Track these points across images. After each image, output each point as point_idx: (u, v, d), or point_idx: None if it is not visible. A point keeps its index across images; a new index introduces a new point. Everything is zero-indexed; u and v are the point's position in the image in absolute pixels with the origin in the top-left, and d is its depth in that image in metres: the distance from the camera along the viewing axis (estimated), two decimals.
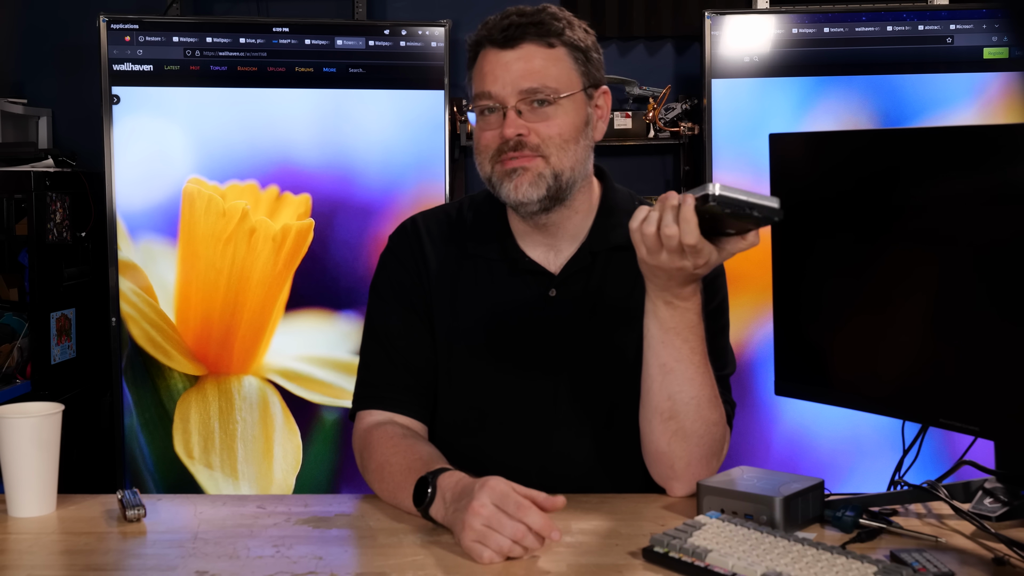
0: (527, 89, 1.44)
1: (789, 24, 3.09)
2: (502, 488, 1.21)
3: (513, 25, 1.45)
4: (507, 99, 1.45)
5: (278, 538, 1.29)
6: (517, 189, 1.45)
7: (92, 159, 3.29)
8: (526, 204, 1.46)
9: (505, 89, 1.45)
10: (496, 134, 1.46)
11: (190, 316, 3.05)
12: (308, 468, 3.07)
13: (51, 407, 1.40)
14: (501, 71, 1.45)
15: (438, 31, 3.11)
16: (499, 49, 1.46)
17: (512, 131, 1.44)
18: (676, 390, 1.39)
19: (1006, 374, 1.23)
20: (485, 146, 1.48)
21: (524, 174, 1.45)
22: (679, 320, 1.36)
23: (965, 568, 1.18)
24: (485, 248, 1.55)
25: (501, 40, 1.45)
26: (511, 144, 1.45)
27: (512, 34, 1.45)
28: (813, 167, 1.47)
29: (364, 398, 1.55)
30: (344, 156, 3.08)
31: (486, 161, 1.48)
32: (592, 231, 1.54)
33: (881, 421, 1.45)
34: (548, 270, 1.53)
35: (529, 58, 1.45)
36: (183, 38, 3.04)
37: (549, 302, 1.52)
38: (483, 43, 1.48)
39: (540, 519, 1.19)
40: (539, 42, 1.46)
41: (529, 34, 1.45)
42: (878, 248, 1.37)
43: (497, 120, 1.46)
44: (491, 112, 1.47)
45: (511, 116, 1.44)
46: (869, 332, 1.39)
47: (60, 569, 1.21)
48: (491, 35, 1.47)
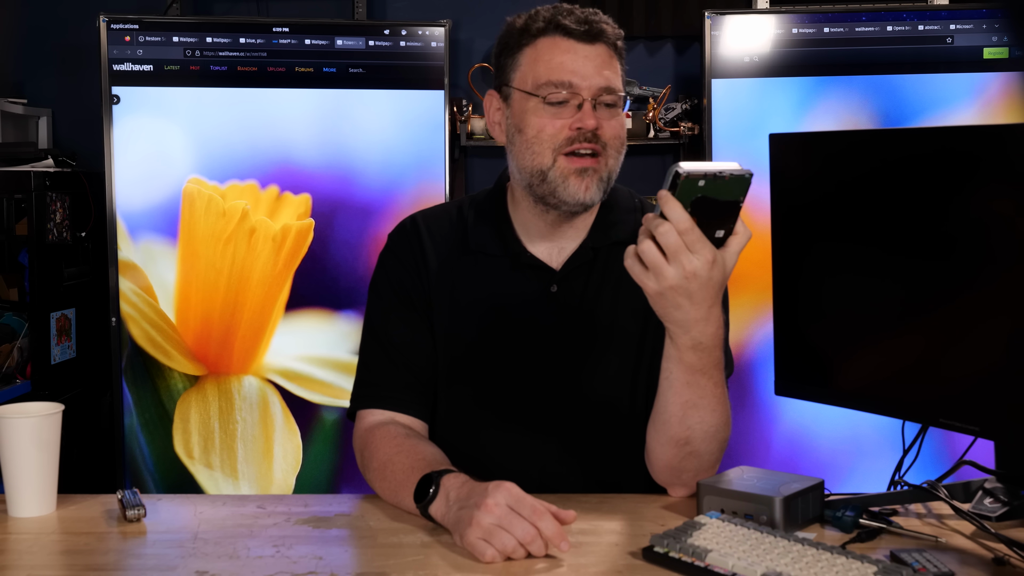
0: (604, 87, 1.45)
1: (789, 24, 3.09)
2: (518, 492, 1.22)
3: (590, 20, 1.47)
4: (586, 92, 1.45)
5: (278, 538, 1.29)
6: (587, 190, 1.45)
7: (92, 159, 3.30)
8: (587, 204, 1.47)
9: (586, 81, 1.45)
10: (567, 123, 1.45)
11: (190, 316, 3.05)
12: (308, 468, 3.08)
13: (51, 407, 1.40)
14: (582, 63, 1.45)
15: (438, 31, 3.12)
16: (578, 42, 1.46)
17: (594, 123, 1.44)
18: (696, 421, 1.38)
19: (1006, 374, 1.23)
20: (551, 135, 1.45)
21: (593, 175, 1.45)
22: (707, 361, 1.33)
23: (965, 568, 1.18)
24: (487, 244, 1.55)
25: (580, 33, 1.46)
26: (587, 135, 1.44)
27: (594, 30, 1.46)
28: (813, 167, 1.47)
29: (364, 397, 1.55)
30: (344, 156, 3.08)
31: (548, 150, 1.46)
32: (593, 228, 1.54)
33: (881, 421, 1.45)
34: (550, 266, 1.53)
35: (605, 57, 1.47)
36: (183, 38, 3.04)
37: (551, 298, 1.52)
38: (553, 31, 1.47)
39: (553, 526, 1.19)
40: (611, 44, 1.48)
41: (606, 34, 1.47)
42: (878, 248, 1.37)
43: (570, 111, 1.45)
44: (562, 104, 1.46)
45: (589, 108, 1.45)
46: (869, 332, 1.39)
47: (60, 569, 1.21)
48: (567, 26, 1.46)
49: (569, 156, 1.45)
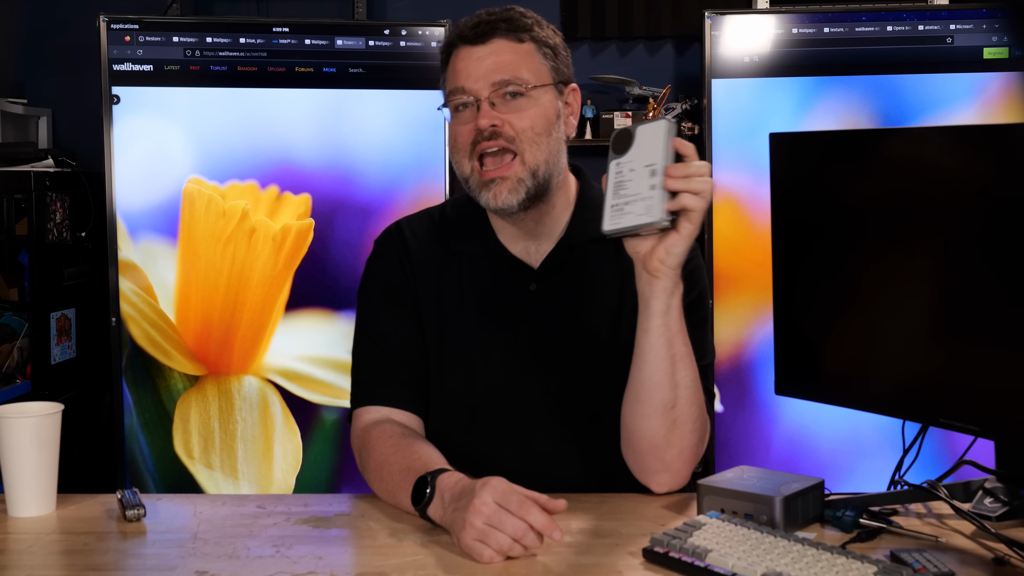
0: (499, 81, 1.46)
1: (789, 24, 3.09)
2: (504, 487, 1.22)
3: (483, 22, 1.49)
4: (480, 92, 1.46)
5: (278, 538, 1.29)
6: (496, 197, 1.47)
7: (92, 159, 3.30)
8: (506, 210, 1.48)
9: (478, 83, 1.46)
10: (471, 128, 1.47)
11: (190, 316, 3.05)
12: (308, 468, 3.08)
13: (51, 407, 1.40)
14: (474, 66, 1.47)
15: (438, 31, 3.12)
16: (470, 46, 1.48)
17: (486, 121, 1.45)
18: (682, 376, 1.40)
19: (1006, 374, 1.23)
20: (462, 143, 1.49)
21: (502, 183, 1.46)
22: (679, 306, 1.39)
23: (965, 568, 1.18)
24: (468, 244, 1.57)
25: (472, 37, 1.48)
26: (486, 134, 1.46)
27: (482, 30, 1.48)
28: (813, 167, 1.47)
29: (360, 396, 1.56)
30: (344, 156, 3.08)
31: (464, 159, 1.49)
32: (570, 226, 1.55)
33: (881, 421, 1.45)
34: (529, 264, 1.54)
35: (500, 52, 1.47)
36: (183, 38, 3.04)
37: (530, 296, 1.53)
38: (455, 43, 1.51)
39: (542, 517, 1.19)
40: (509, 37, 1.48)
41: (499, 29, 1.48)
42: (878, 248, 1.37)
43: (471, 115, 1.48)
44: (465, 108, 1.48)
45: (485, 107, 1.46)
46: (869, 332, 1.39)
47: (60, 569, 1.21)
48: (462, 33, 1.49)
49: (483, 165, 1.47)
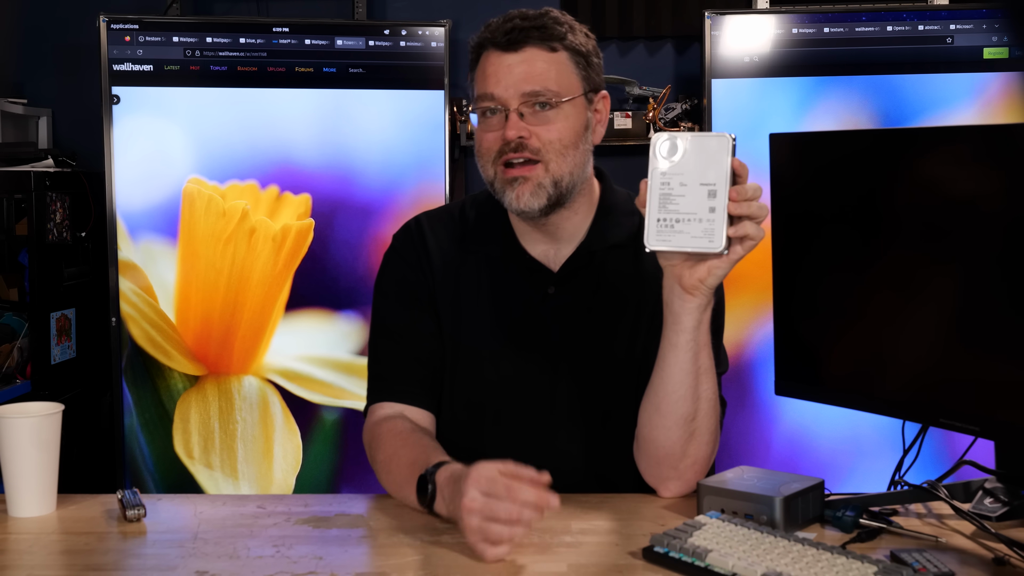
0: (529, 92, 1.45)
1: (789, 24, 3.09)
2: (487, 474, 1.21)
3: (516, 28, 1.46)
4: (509, 101, 1.45)
5: (278, 538, 1.29)
6: (519, 199, 1.46)
7: (92, 159, 3.29)
8: (527, 212, 1.47)
9: (507, 91, 1.45)
10: (497, 136, 1.47)
11: (190, 316, 3.05)
12: (308, 468, 3.07)
13: (51, 407, 1.40)
14: (504, 73, 1.46)
15: (438, 31, 3.11)
16: (502, 52, 1.47)
17: (514, 133, 1.45)
18: (704, 388, 1.40)
19: (1006, 374, 1.23)
20: (487, 148, 1.48)
21: (525, 184, 1.46)
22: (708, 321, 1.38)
23: (965, 568, 1.18)
24: (487, 246, 1.56)
25: (504, 43, 1.46)
26: (512, 146, 1.45)
27: (515, 37, 1.46)
28: (813, 167, 1.47)
29: (376, 391, 1.56)
30: (344, 156, 3.08)
31: (488, 164, 1.49)
32: (591, 230, 1.54)
33: (881, 421, 1.45)
34: (548, 267, 1.53)
35: (532, 61, 1.46)
36: (183, 38, 3.04)
37: (548, 299, 1.52)
38: (485, 45, 1.49)
39: (532, 492, 1.18)
40: (542, 46, 1.47)
41: (532, 37, 1.46)
42: (878, 248, 1.37)
43: (499, 122, 1.47)
44: (493, 114, 1.48)
45: (513, 118, 1.45)
46: (869, 332, 1.39)
47: (60, 569, 1.21)
48: (494, 37, 1.47)
49: (506, 166, 1.47)
